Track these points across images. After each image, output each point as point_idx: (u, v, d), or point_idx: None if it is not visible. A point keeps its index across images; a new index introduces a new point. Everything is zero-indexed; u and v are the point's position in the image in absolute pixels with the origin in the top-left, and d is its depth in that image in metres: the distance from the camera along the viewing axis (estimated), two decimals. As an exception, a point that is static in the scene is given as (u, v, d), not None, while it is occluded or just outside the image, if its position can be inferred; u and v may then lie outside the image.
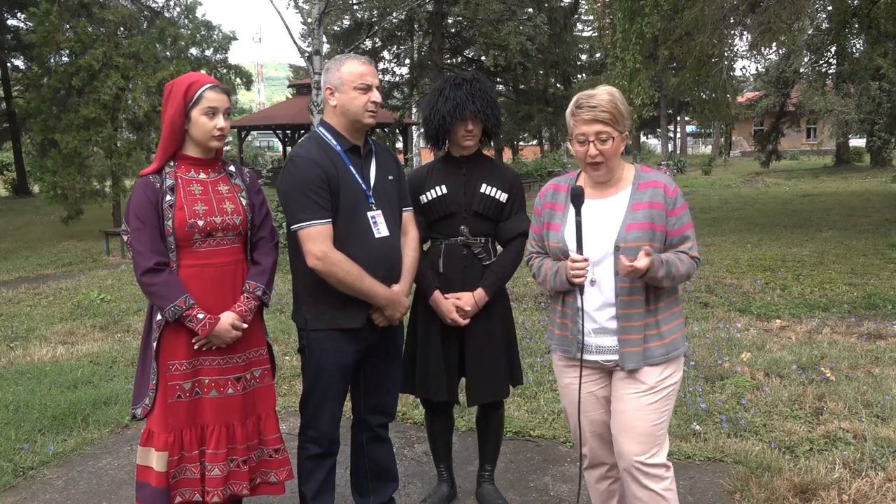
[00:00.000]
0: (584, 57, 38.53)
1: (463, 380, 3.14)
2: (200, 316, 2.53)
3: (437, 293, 2.99)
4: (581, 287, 2.38)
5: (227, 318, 2.59)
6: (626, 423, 2.40)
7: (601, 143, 2.33)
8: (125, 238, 2.61)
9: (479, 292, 3.00)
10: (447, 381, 3.04)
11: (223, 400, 2.64)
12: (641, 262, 2.25)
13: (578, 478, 2.71)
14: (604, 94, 2.35)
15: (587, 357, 2.46)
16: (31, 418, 4.35)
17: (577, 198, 2.37)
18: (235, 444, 2.68)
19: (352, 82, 2.64)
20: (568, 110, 2.41)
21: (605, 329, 2.42)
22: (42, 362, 5.67)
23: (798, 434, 3.85)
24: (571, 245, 2.39)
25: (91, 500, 3.46)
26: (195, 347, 2.59)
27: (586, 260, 2.35)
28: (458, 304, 2.98)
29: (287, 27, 12.28)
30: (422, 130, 3.20)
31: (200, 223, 2.56)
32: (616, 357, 2.42)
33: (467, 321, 3.00)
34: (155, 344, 2.58)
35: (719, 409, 4.22)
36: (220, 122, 2.60)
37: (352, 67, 2.65)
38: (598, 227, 2.40)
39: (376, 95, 2.68)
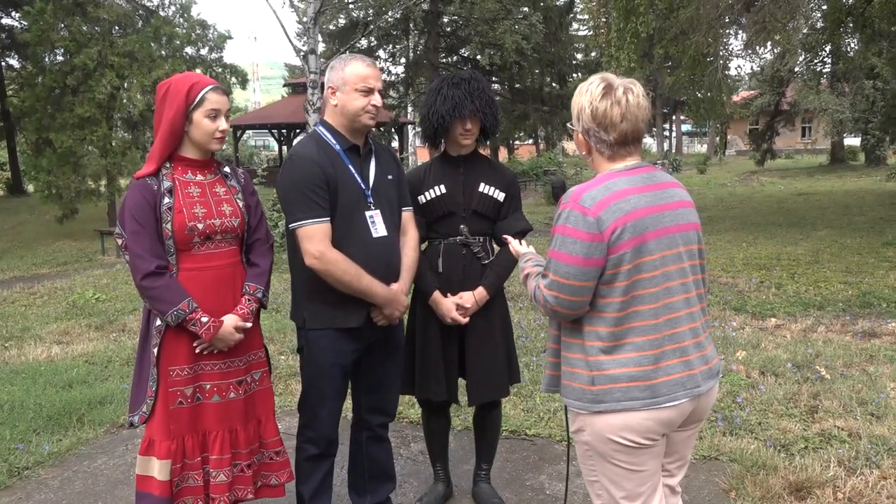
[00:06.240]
0: (579, 56, 38.46)
1: (462, 380, 3.14)
2: (204, 319, 2.48)
3: (436, 293, 2.99)
4: None
5: (230, 321, 2.55)
6: None
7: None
8: (119, 242, 2.54)
9: (480, 291, 3.00)
10: (447, 380, 3.04)
11: (225, 404, 2.60)
12: (516, 245, 2.46)
13: (566, 480, 2.71)
14: None
15: None
16: (26, 418, 4.34)
17: (557, 192, 2.38)
18: (239, 448, 2.64)
19: (354, 84, 2.63)
20: None
21: None
22: (37, 362, 5.65)
23: (793, 432, 3.86)
24: None
25: (86, 499, 3.46)
26: (197, 351, 2.54)
27: None
28: (459, 303, 2.98)
29: (283, 26, 12.31)
30: (417, 129, 3.19)
31: (200, 226, 2.51)
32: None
33: (467, 320, 3.00)
34: (156, 350, 2.52)
35: (714, 407, 4.23)
36: (222, 124, 2.57)
37: (356, 69, 2.64)
38: None
39: (377, 99, 2.66)
